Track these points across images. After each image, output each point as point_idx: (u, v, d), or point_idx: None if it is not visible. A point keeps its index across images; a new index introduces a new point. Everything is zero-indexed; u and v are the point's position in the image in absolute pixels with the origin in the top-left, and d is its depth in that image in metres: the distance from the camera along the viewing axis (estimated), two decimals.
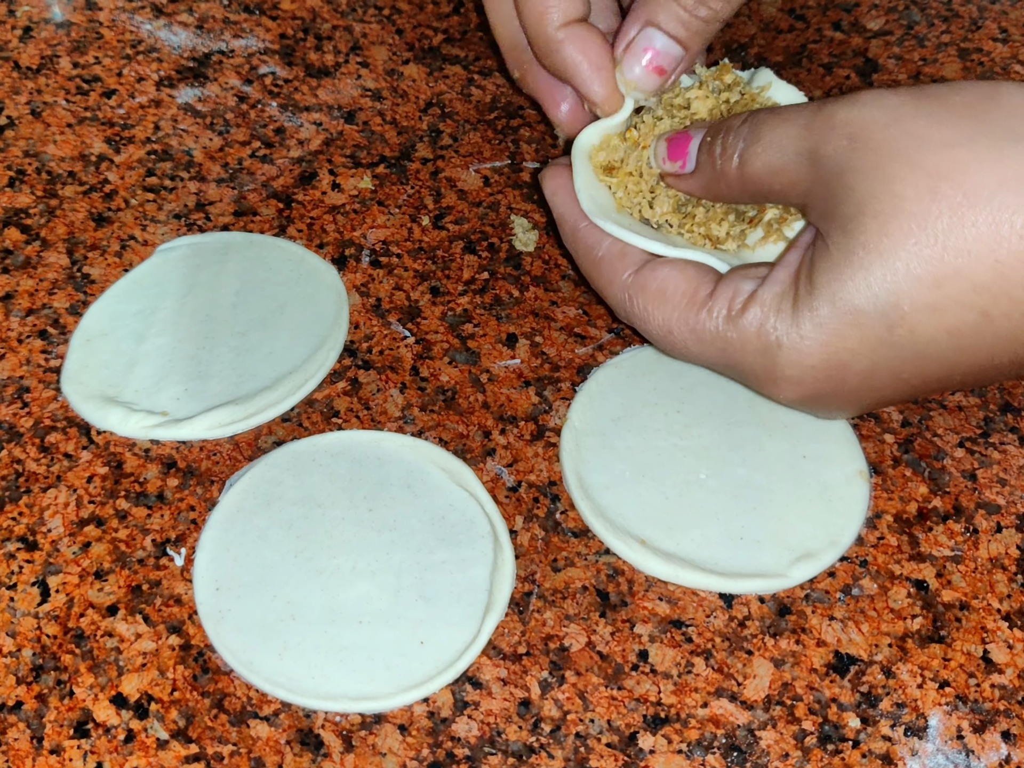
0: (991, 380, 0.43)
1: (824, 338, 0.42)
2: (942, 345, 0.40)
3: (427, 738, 0.43)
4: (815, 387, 0.43)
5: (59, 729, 0.43)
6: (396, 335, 0.54)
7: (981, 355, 0.41)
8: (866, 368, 0.42)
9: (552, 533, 0.48)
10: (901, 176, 0.39)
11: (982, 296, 0.38)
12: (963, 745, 0.43)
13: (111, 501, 0.49)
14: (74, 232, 0.58)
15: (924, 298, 0.39)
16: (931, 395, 0.52)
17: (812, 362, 0.42)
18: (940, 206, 0.38)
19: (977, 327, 0.39)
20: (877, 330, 0.40)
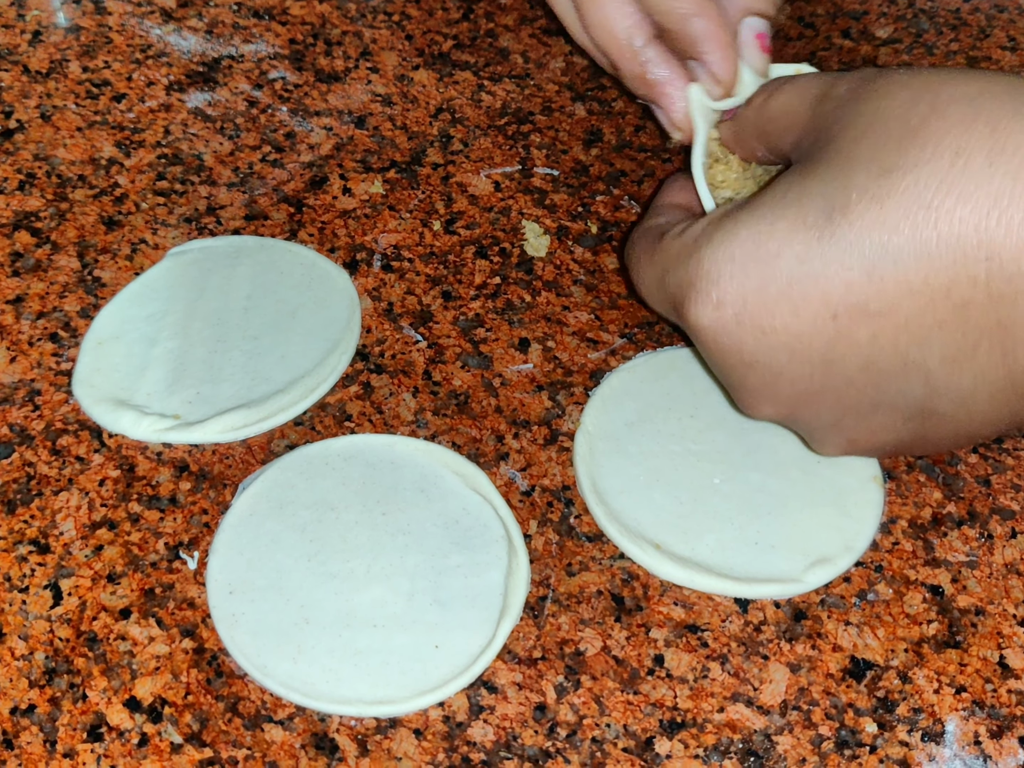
0: (934, 332, 0.38)
1: (757, 225, 0.39)
2: (877, 244, 0.37)
3: (442, 742, 0.43)
4: (731, 291, 0.40)
5: (72, 733, 0.43)
6: (408, 339, 0.54)
7: (915, 269, 0.37)
8: (791, 268, 0.38)
9: (566, 537, 0.48)
10: (889, 95, 0.39)
11: (931, 190, 0.36)
12: (980, 750, 0.43)
13: (123, 504, 0.48)
14: (85, 235, 0.58)
15: (873, 186, 0.37)
16: (856, 351, 0.40)
17: (735, 252, 0.40)
18: (917, 108, 0.38)
19: (917, 227, 0.36)
20: (814, 216, 0.38)
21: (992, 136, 0.36)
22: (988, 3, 0.70)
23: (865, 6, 0.70)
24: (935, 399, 0.40)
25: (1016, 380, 0.38)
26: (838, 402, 0.42)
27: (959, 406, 0.40)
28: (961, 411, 0.40)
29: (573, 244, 0.58)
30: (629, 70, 0.51)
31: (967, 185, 0.36)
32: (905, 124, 0.38)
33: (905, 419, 0.42)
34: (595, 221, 0.59)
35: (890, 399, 0.41)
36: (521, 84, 0.66)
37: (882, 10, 0.70)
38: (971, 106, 0.37)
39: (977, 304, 0.37)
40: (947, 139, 0.36)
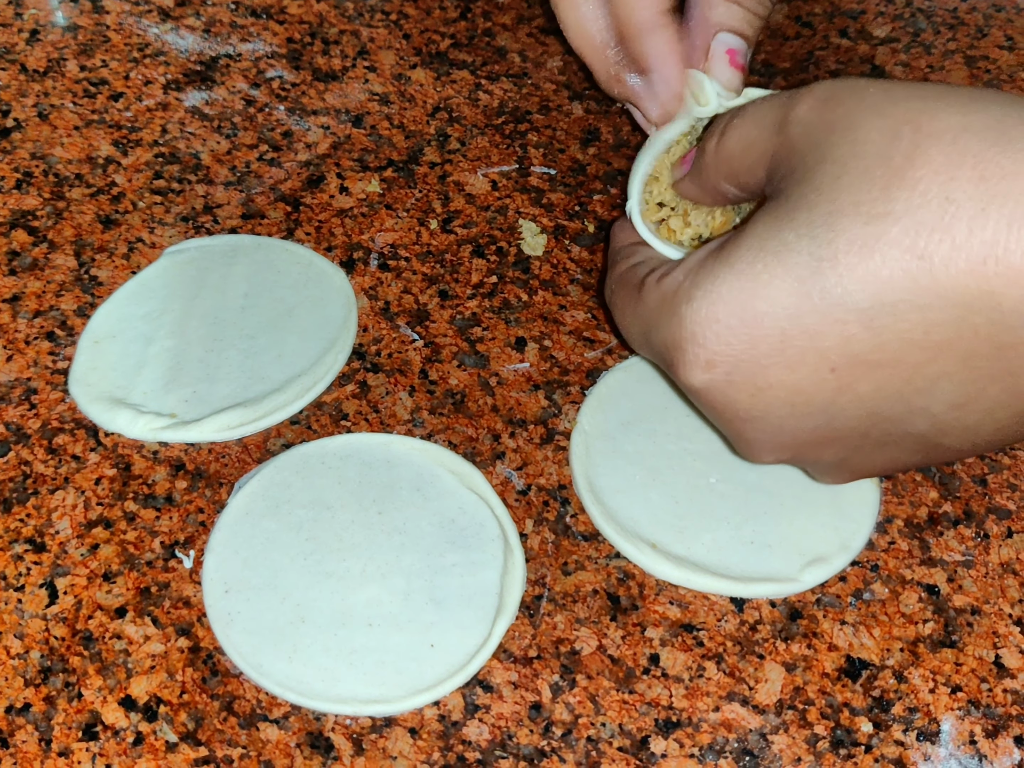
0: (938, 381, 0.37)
1: (738, 282, 0.38)
2: (872, 297, 0.35)
3: (438, 741, 0.43)
4: (719, 352, 0.38)
5: (67, 731, 0.43)
6: (405, 338, 0.54)
7: (915, 321, 0.35)
8: (782, 325, 0.37)
9: (562, 537, 0.48)
10: (865, 124, 0.37)
11: (923, 238, 0.34)
12: (976, 750, 0.43)
13: (119, 503, 0.48)
14: (82, 234, 0.58)
15: (862, 235, 0.35)
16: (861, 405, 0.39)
17: (719, 312, 0.38)
18: (898, 145, 0.35)
19: (913, 278, 0.34)
20: (801, 269, 0.36)
21: (981, 182, 0.34)
22: (986, 2, 0.70)
23: (863, 5, 0.70)
24: (941, 436, 0.39)
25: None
26: (843, 446, 0.41)
27: (964, 439, 0.39)
28: (967, 443, 0.39)
29: (570, 243, 0.58)
30: (602, 72, 0.51)
31: (960, 233, 0.34)
32: (887, 163, 0.36)
33: (910, 453, 0.41)
34: (592, 220, 0.59)
35: (895, 439, 0.40)
36: (518, 83, 0.66)
37: (880, 9, 0.70)
38: (955, 146, 0.35)
39: (983, 355, 0.35)
40: (934, 186, 0.34)
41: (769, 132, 0.41)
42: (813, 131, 0.39)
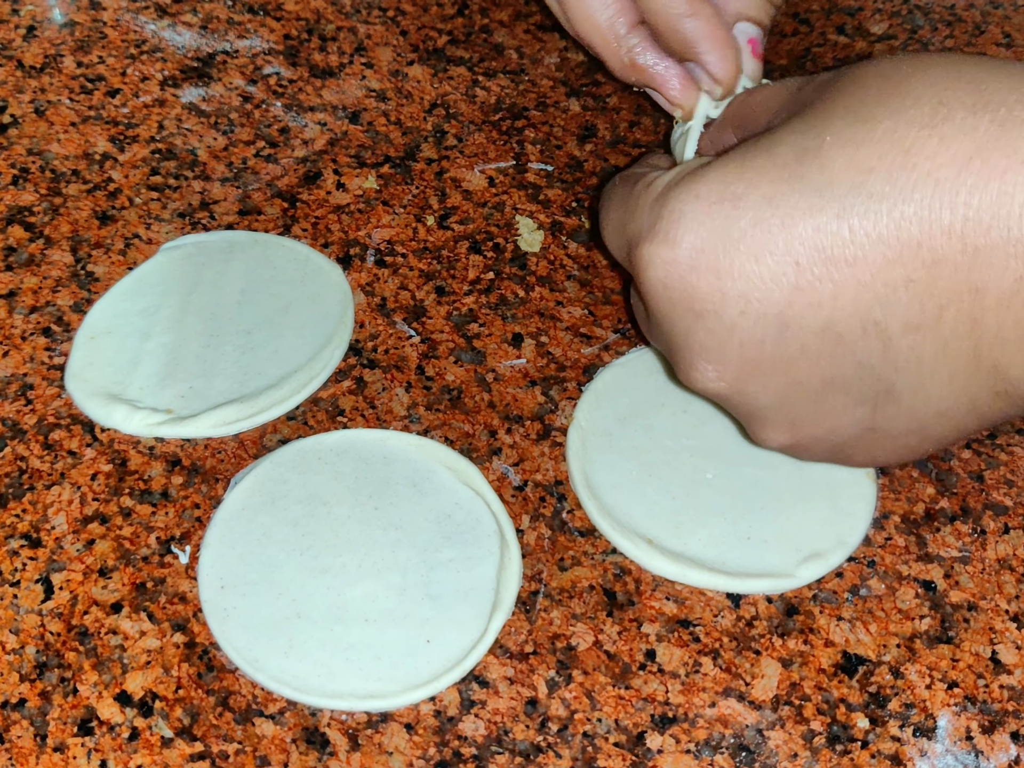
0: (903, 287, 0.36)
1: (723, 167, 0.38)
2: (849, 186, 0.35)
3: (434, 737, 0.43)
4: (692, 226, 0.38)
5: (63, 727, 0.42)
6: (401, 334, 0.54)
7: (888, 214, 0.35)
8: (758, 207, 0.37)
9: (559, 532, 0.48)
10: (869, 67, 0.38)
11: (912, 134, 0.35)
12: (972, 746, 0.43)
13: (115, 499, 0.48)
14: (78, 230, 0.58)
15: (849, 131, 0.36)
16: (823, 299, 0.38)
17: (700, 190, 0.38)
18: (899, 67, 0.37)
19: (895, 169, 0.35)
20: (786, 160, 0.37)
21: (976, 92, 0.35)
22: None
23: (860, 2, 0.70)
24: (893, 374, 0.38)
25: (981, 355, 0.36)
26: (787, 375, 0.39)
27: (916, 388, 0.38)
28: (918, 395, 0.38)
29: (567, 239, 0.58)
30: (616, 60, 0.51)
31: (949, 130, 0.34)
32: (885, 79, 0.37)
33: (856, 403, 0.40)
34: (589, 217, 0.59)
35: (845, 374, 0.39)
36: (516, 79, 0.66)
37: (877, 6, 0.70)
38: (953, 67, 0.36)
39: (949, 262, 0.35)
40: (929, 92, 0.35)
41: (787, 92, 0.42)
42: (822, 83, 0.40)
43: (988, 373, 0.37)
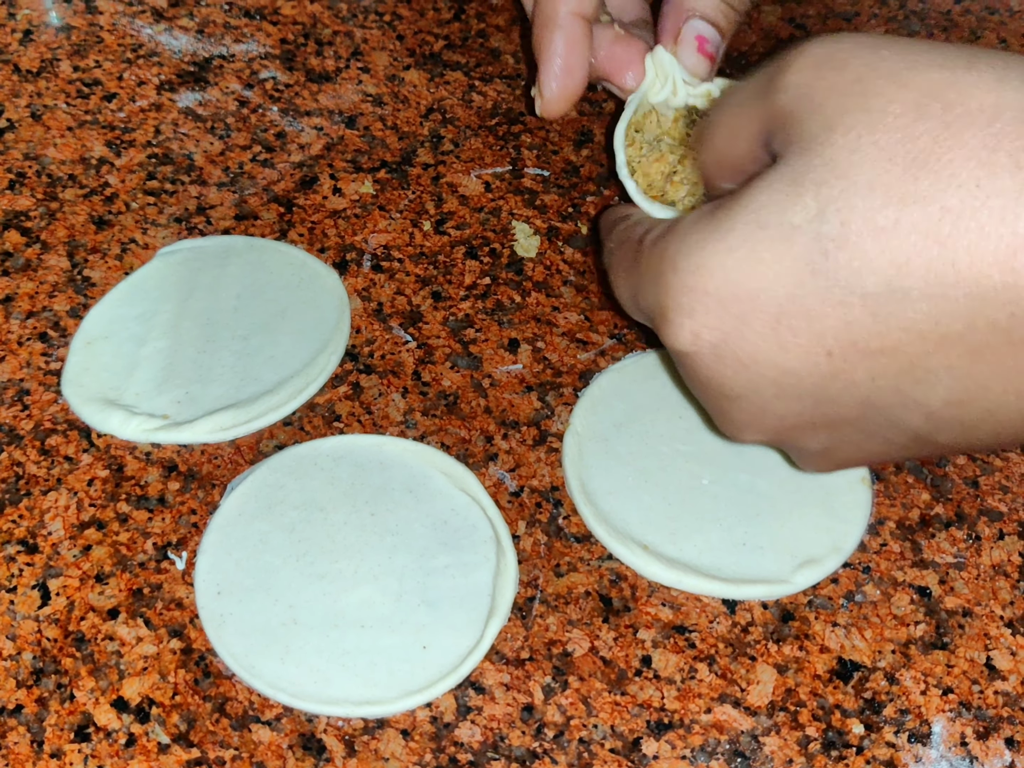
0: (943, 374, 0.34)
1: (731, 258, 0.36)
2: (882, 282, 0.33)
3: (430, 743, 0.43)
4: (707, 324, 0.37)
5: (59, 733, 0.42)
6: (398, 340, 0.54)
7: (925, 311, 0.33)
8: (779, 303, 0.35)
9: (555, 538, 0.48)
10: (882, 92, 0.34)
11: (948, 225, 0.32)
12: (967, 752, 0.43)
13: (112, 504, 0.48)
14: (75, 235, 0.58)
15: (878, 219, 0.33)
16: (854, 395, 0.37)
17: (708, 284, 0.36)
18: (926, 124, 0.33)
19: (931, 265, 0.32)
20: (808, 252, 0.34)
21: (1018, 170, 0.32)
22: (979, 5, 0.70)
23: (856, 7, 0.70)
24: (934, 433, 0.37)
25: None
26: (830, 434, 0.39)
27: (959, 437, 0.37)
28: (961, 440, 0.37)
29: (563, 245, 0.58)
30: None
31: (990, 221, 0.32)
32: (912, 142, 0.33)
33: (899, 447, 0.39)
34: (585, 222, 0.59)
35: (886, 432, 0.38)
36: (512, 84, 0.66)
37: (873, 11, 0.70)
38: (990, 129, 0.32)
39: (993, 350, 0.33)
40: (965, 171, 0.32)
41: (753, 110, 0.38)
42: (811, 94, 0.36)
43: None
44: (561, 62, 0.50)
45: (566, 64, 0.50)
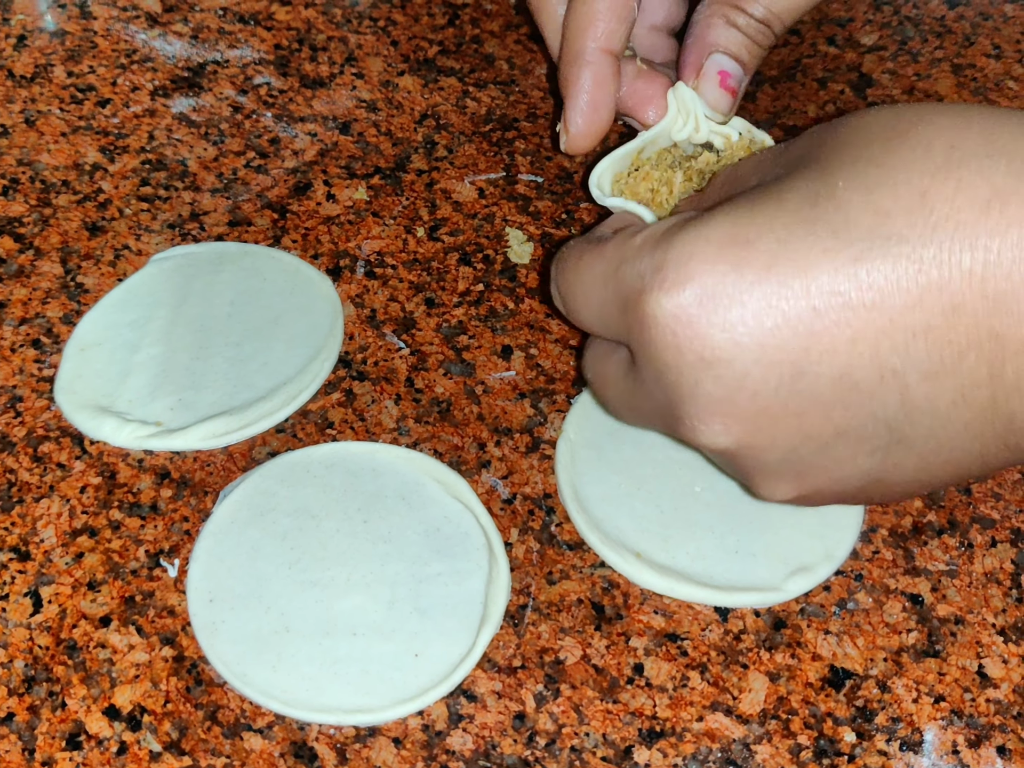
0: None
1: (733, 211, 0.37)
2: (865, 229, 0.35)
3: (422, 751, 0.43)
4: (702, 272, 0.37)
5: (51, 741, 0.42)
6: (391, 346, 0.54)
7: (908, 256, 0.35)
8: (772, 251, 0.36)
9: (547, 546, 0.48)
10: (867, 119, 0.38)
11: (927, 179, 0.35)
12: (959, 760, 0.43)
13: (104, 512, 0.48)
14: (68, 241, 0.58)
15: (862, 176, 0.35)
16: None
17: (708, 232, 0.37)
18: (901, 121, 0.37)
19: (913, 217, 0.35)
20: (797, 201, 0.36)
21: (987, 141, 0.35)
22: (973, 11, 0.71)
23: (850, 13, 0.70)
24: (907, 424, 0.37)
25: (998, 404, 0.36)
26: (798, 427, 0.38)
27: (929, 436, 0.37)
28: (930, 443, 0.37)
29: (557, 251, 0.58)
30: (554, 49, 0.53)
31: (965, 174, 0.34)
32: (891, 129, 0.36)
33: (866, 453, 0.38)
34: (579, 228, 0.59)
35: (857, 424, 0.37)
36: (506, 90, 0.66)
37: (867, 17, 0.70)
38: (961, 116, 0.36)
39: (969, 307, 0.34)
40: (939, 139, 0.35)
41: (777, 150, 0.42)
42: (815, 133, 0.40)
43: (1003, 423, 0.36)
44: (588, 98, 0.50)
45: (593, 100, 0.50)
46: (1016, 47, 0.68)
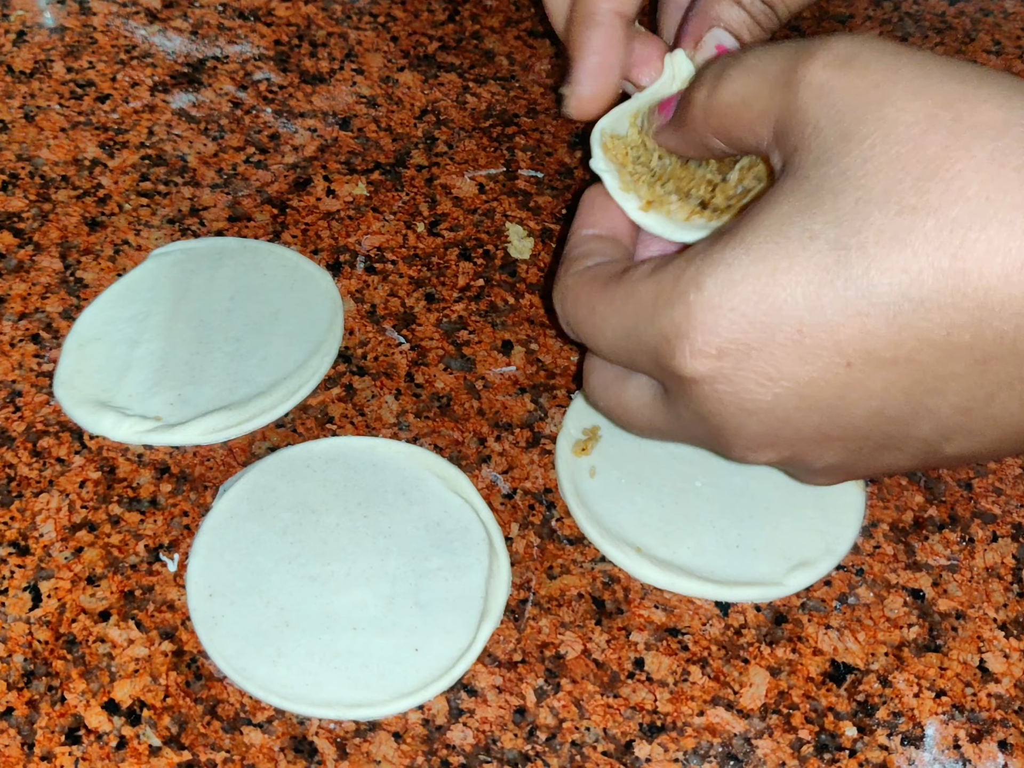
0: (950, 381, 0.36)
1: (755, 268, 0.36)
2: (896, 292, 0.34)
3: (422, 746, 0.43)
4: (733, 340, 0.36)
5: (50, 736, 0.42)
6: (391, 341, 0.54)
7: (938, 321, 0.34)
8: (801, 315, 0.35)
9: (547, 540, 0.48)
10: (898, 100, 0.35)
11: (959, 236, 0.33)
12: (960, 755, 0.43)
13: (104, 506, 0.48)
14: (67, 236, 0.57)
15: (892, 227, 0.34)
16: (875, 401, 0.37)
17: (734, 299, 0.36)
18: (936, 135, 0.34)
19: (943, 276, 0.33)
20: (825, 258, 0.35)
21: (1021, 184, 0.33)
22: (973, 7, 0.70)
23: (851, 9, 0.70)
24: (943, 441, 0.38)
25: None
26: (843, 446, 0.39)
27: (965, 446, 0.38)
28: (966, 450, 0.38)
29: (557, 246, 0.58)
30: (560, 23, 0.50)
31: (996, 233, 0.33)
32: (922, 153, 0.34)
33: (909, 457, 0.39)
34: None
35: (897, 442, 0.38)
36: (506, 86, 0.66)
37: (868, 14, 0.70)
38: (998, 143, 0.33)
39: (999, 359, 0.34)
40: (974, 183, 0.33)
41: (773, 87, 0.38)
42: (832, 96, 0.36)
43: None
44: (599, 59, 0.48)
45: (604, 62, 0.48)
46: (1017, 43, 0.68)
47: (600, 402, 0.45)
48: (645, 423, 0.43)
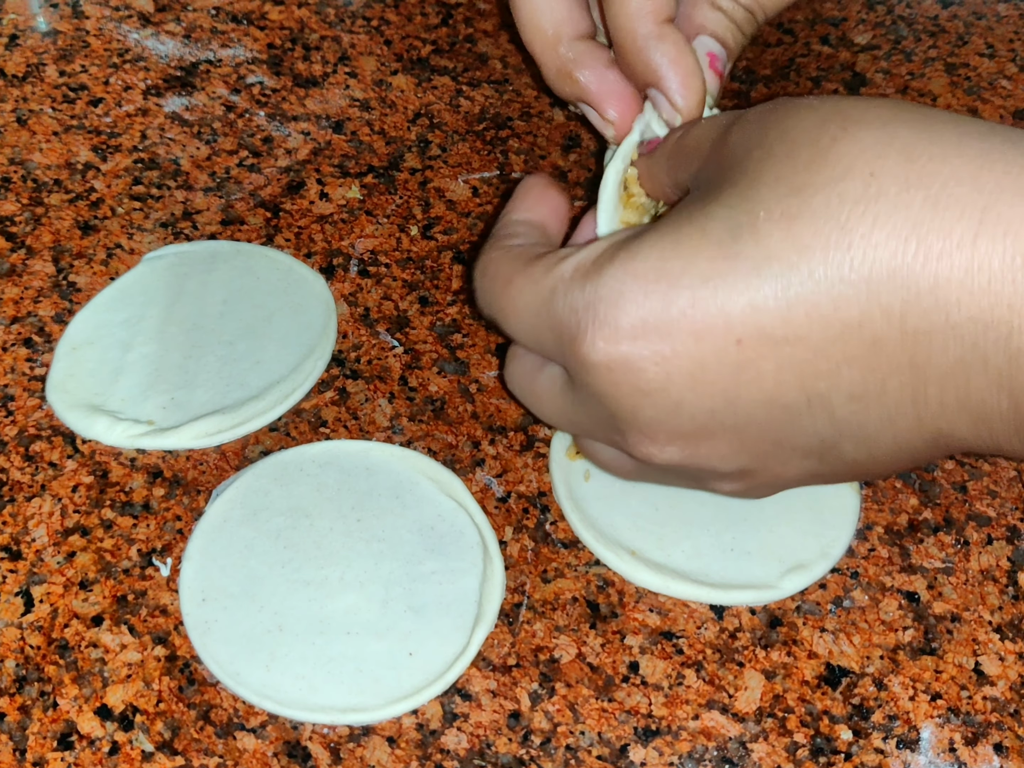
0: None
1: (658, 242, 0.37)
2: (786, 265, 0.35)
3: (416, 750, 0.42)
4: (633, 312, 0.37)
5: (42, 741, 0.42)
6: (384, 345, 0.54)
7: (827, 293, 0.35)
8: (694, 287, 0.36)
9: (542, 544, 0.48)
10: (795, 115, 0.38)
11: (846, 209, 0.34)
12: (955, 758, 0.43)
13: (96, 511, 0.48)
14: (60, 240, 0.57)
15: (783, 204, 0.35)
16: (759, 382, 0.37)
17: (636, 267, 0.37)
18: (826, 128, 0.36)
19: (832, 248, 0.34)
20: (720, 232, 0.36)
21: (908, 163, 0.34)
22: (966, 10, 0.71)
23: (844, 12, 0.70)
24: (838, 437, 0.38)
25: (924, 422, 0.36)
26: (739, 440, 0.39)
27: (860, 447, 0.38)
28: (862, 453, 0.38)
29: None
30: (552, 66, 0.48)
31: (883, 207, 0.34)
32: (814, 143, 0.36)
33: (803, 456, 0.39)
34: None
35: (791, 436, 0.38)
36: (499, 89, 0.66)
37: (861, 17, 0.70)
38: (884, 130, 0.35)
39: (889, 341, 0.35)
40: (860, 161, 0.35)
41: (716, 134, 0.41)
42: (747, 128, 0.39)
43: (930, 435, 0.37)
44: (684, 69, 0.46)
45: (689, 67, 0.46)
46: (1009, 46, 0.68)
47: (516, 389, 0.46)
48: (556, 411, 0.44)
